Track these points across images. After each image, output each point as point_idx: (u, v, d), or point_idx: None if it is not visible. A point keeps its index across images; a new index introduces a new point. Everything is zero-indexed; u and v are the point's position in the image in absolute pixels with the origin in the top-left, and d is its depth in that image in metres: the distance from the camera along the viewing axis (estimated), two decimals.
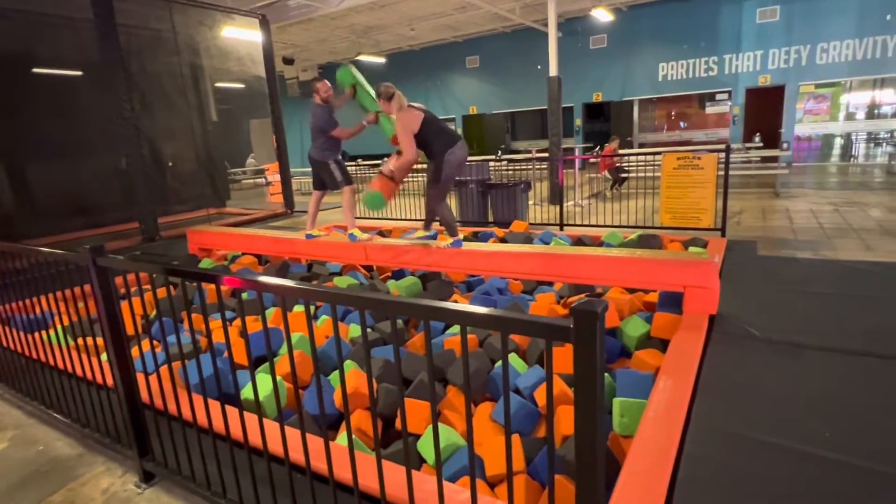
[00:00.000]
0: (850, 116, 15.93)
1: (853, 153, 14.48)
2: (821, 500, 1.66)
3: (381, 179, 4.38)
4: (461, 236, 4.48)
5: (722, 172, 5.59)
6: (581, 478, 0.99)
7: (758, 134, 12.39)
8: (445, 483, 1.93)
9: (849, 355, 2.63)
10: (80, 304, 2.45)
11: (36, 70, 7.06)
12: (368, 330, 3.62)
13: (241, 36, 9.24)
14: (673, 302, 3.50)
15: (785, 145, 12.33)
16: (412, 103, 4.19)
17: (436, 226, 4.86)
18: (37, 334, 2.87)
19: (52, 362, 2.78)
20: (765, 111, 13.45)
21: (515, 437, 2.32)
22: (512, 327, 1.05)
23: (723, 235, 5.50)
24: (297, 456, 1.68)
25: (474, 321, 1.13)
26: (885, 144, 14.56)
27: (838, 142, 16.38)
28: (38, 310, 2.83)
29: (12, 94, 6.61)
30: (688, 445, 1.97)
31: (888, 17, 11.18)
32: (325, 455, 1.54)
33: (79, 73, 7.56)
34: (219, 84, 9.74)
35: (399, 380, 1.31)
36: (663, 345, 3.10)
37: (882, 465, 1.79)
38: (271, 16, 9.79)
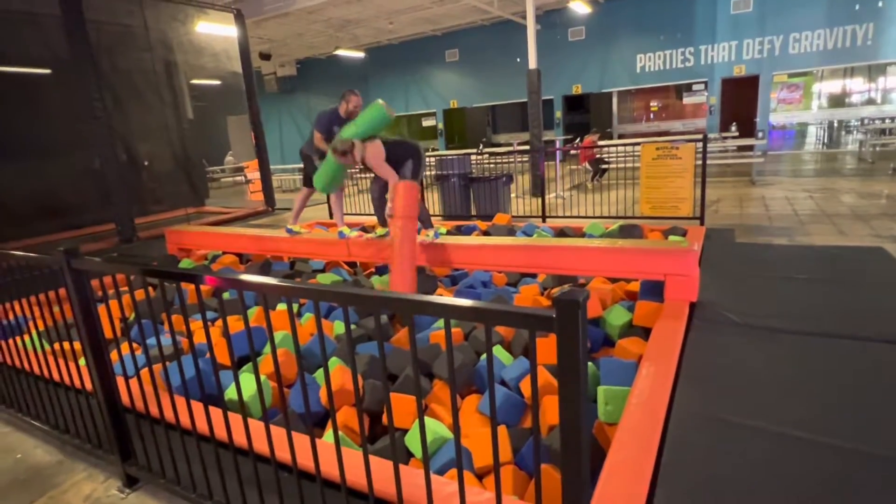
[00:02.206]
0: (821, 105, 16.28)
1: (824, 140, 14.83)
2: (799, 478, 1.71)
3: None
4: (439, 228, 4.55)
5: (700, 162, 5.67)
6: (566, 465, 1.00)
7: (734, 123, 12.60)
8: (433, 476, 1.94)
9: (824, 338, 2.70)
10: (56, 309, 2.40)
11: (1, 69, 6.84)
12: (353, 326, 3.60)
13: (215, 31, 9.06)
14: (654, 290, 3.55)
15: (760, 134, 12.56)
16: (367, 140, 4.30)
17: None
18: (11, 340, 2.80)
19: (28, 368, 2.71)
20: (740, 101, 13.68)
21: (502, 429, 2.34)
22: (495, 319, 1.05)
23: (701, 224, 5.59)
24: (283, 455, 1.67)
25: (458, 314, 1.13)
26: (855, 132, 14.92)
27: (812, 130, 16.74)
28: (11, 315, 2.76)
29: None
30: (671, 430, 2.01)
31: (857, 7, 11.42)
32: (312, 452, 1.54)
33: (47, 71, 7.34)
34: (194, 81, 9.54)
35: (384, 375, 1.31)
36: (646, 333, 3.14)
37: (858, 443, 1.85)
38: (246, 10, 9.62)
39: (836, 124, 15.79)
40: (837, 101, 16.18)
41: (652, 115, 16.52)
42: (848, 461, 1.77)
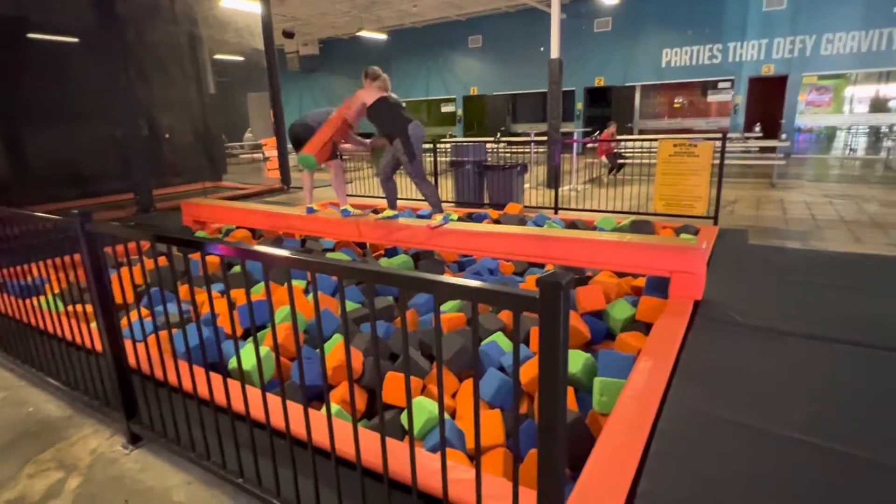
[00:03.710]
0: (852, 110, 15.84)
1: (852, 146, 14.45)
2: (786, 479, 1.72)
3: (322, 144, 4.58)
4: (448, 213, 4.57)
5: (718, 161, 5.60)
6: (543, 442, 1.03)
7: (758, 124, 12.34)
8: (424, 452, 1.99)
9: (830, 343, 2.68)
10: (71, 273, 2.48)
11: (31, 36, 6.97)
12: (358, 306, 3.65)
13: (240, 7, 9.09)
14: (660, 287, 3.55)
15: (784, 136, 12.29)
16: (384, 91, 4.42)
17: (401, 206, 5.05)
18: (29, 300, 2.91)
19: (43, 327, 2.81)
20: (767, 101, 13.38)
21: (497, 413, 2.38)
22: (482, 297, 1.07)
23: (715, 223, 5.53)
24: (280, 423, 1.73)
25: (446, 291, 1.16)
26: (885, 139, 14.52)
27: (840, 134, 16.31)
28: (30, 276, 2.86)
29: (7, 60, 6.52)
30: (661, 423, 2.03)
31: (895, 9, 11.05)
32: (304, 421, 1.59)
33: (75, 40, 7.46)
34: (217, 56, 9.62)
35: (375, 351, 1.35)
36: (648, 328, 3.15)
37: (850, 447, 1.85)
38: None
39: (866, 130, 15.38)
40: (870, 105, 15.72)
41: (675, 112, 16.25)
42: (843, 466, 1.77)
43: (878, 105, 15.56)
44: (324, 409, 2.54)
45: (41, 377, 2.75)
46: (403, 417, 2.41)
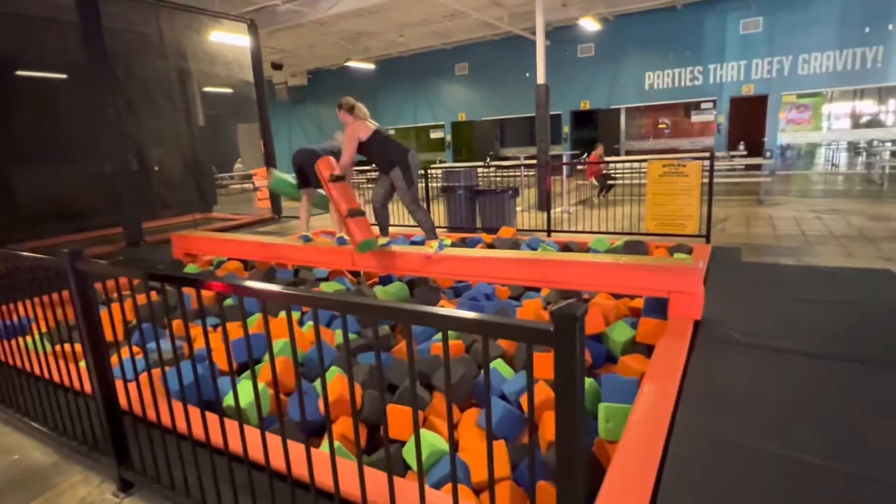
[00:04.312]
0: (831, 127, 16.22)
1: (834, 162, 14.75)
2: (800, 501, 1.68)
3: (335, 187, 4.49)
4: (443, 240, 4.55)
5: (706, 180, 5.66)
6: (561, 480, 0.98)
7: (742, 142, 12.58)
8: (429, 490, 1.91)
9: (830, 360, 2.67)
10: (59, 311, 2.41)
11: (20, 73, 6.96)
12: (354, 336, 3.59)
13: (229, 40, 9.20)
14: (658, 307, 3.53)
15: (768, 153, 12.53)
16: (368, 120, 4.43)
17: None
18: (14, 340, 2.82)
19: (28, 368, 2.72)
20: (749, 120, 13.67)
21: (501, 443, 2.31)
22: (494, 331, 1.04)
23: (707, 242, 5.56)
24: (278, 463, 1.66)
25: (457, 325, 1.13)
26: (864, 154, 14.85)
27: (821, 151, 16.64)
28: (16, 315, 2.77)
29: None
30: (672, 449, 1.98)
31: (867, 29, 11.44)
32: (307, 462, 1.52)
33: (63, 76, 7.47)
34: (206, 88, 9.67)
35: (381, 385, 1.30)
36: (648, 350, 3.11)
37: (859, 467, 1.81)
38: (260, 21, 9.76)
39: (844, 145, 15.71)
40: (847, 122, 16.11)
41: (660, 133, 16.53)
42: (853, 486, 1.73)
43: (856, 121, 15.96)
44: (323, 446, 2.46)
45: (27, 422, 2.64)
46: (405, 451, 2.33)
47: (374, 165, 4.58)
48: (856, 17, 11.50)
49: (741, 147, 12.32)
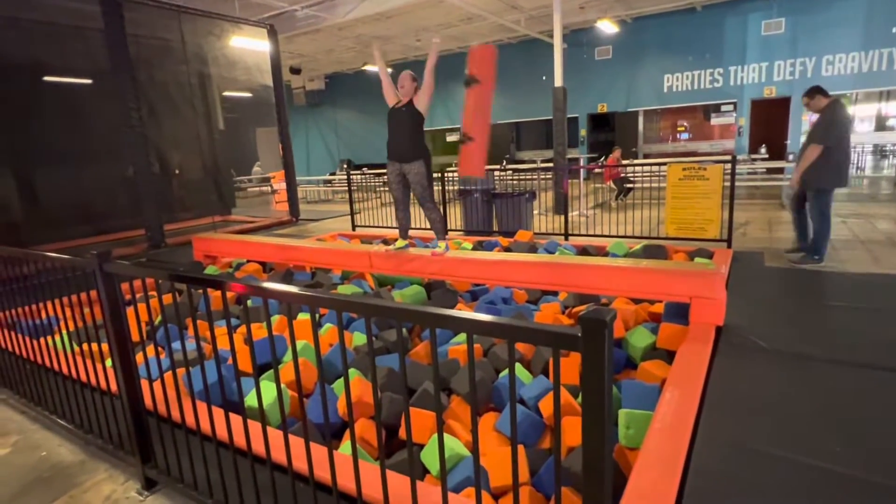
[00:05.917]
0: (854, 129, 15.88)
1: (859, 165, 14.42)
2: None
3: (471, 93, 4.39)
4: (463, 242, 4.56)
5: (727, 183, 5.57)
6: (588, 490, 0.97)
7: (763, 145, 12.37)
8: (451, 495, 1.91)
9: (857, 367, 2.60)
10: (86, 310, 2.46)
11: (47, 78, 7.15)
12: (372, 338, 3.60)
13: (248, 45, 9.33)
14: (679, 313, 3.48)
15: (790, 157, 12.30)
16: None
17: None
18: (42, 339, 2.88)
19: (56, 368, 2.78)
20: (770, 123, 13.44)
21: (520, 449, 2.30)
22: (519, 336, 1.04)
23: (728, 246, 5.47)
24: (300, 464, 1.67)
25: (481, 329, 1.12)
26: (891, 157, 14.51)
27: None
28: (43, 315, 2.84)
29: (23, 102, 6.68)
30: (695, 458, 1.95)
31: (894, 29, 11.18)
32: (329, 464, 1.53)
33: (88, 81, 7.64)
34: (226, 93, 9.82)
35: (404, 389, 1.30)
36: (669, 356, 3.07)
37: (892, 479, 1.76)
38: (279, 26, 9.89)
39: (871, 148, 15.37)
40: (872, 125, 15.77)
41: (679, 136, 16.35)
42: (878, 496, 1.69)
43: (882, 123, 15.61)
44: (341, 448, 2.47)
45: (54, 420, 2.70)
46: (423, 455, 2.33)
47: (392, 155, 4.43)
48: (881, 16, 11.24)
49: (763, 150, 12.11)
